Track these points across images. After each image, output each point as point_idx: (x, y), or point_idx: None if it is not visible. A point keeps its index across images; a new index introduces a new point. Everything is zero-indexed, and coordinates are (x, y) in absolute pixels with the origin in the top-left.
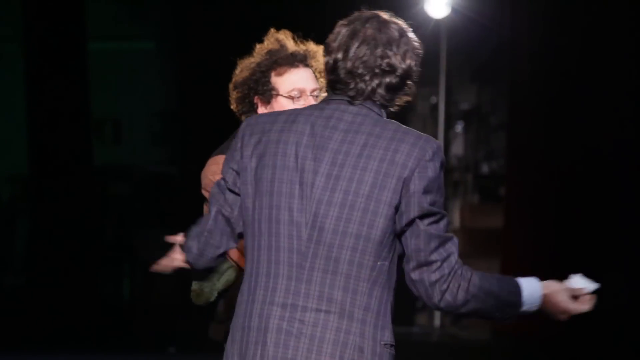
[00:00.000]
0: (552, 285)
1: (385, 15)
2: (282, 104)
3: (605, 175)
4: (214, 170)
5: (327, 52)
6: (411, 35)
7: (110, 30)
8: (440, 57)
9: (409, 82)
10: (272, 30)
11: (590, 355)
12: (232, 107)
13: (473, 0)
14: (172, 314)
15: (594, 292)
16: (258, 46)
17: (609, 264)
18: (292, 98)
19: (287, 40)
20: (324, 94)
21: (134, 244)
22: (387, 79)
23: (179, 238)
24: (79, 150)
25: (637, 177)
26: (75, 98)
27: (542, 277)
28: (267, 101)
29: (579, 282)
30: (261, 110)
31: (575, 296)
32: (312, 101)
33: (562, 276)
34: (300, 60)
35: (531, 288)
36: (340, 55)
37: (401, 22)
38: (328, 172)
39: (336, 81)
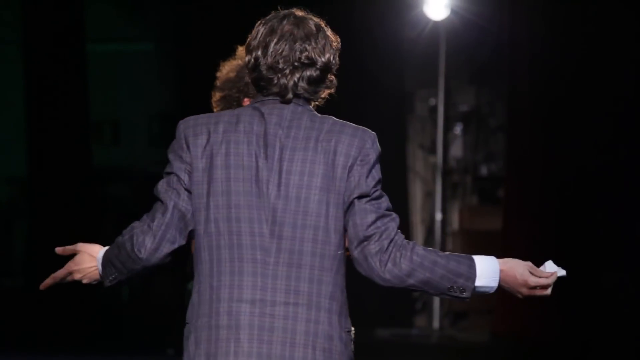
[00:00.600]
0: (509, 261)
1: (301, 12)
2: None
3: (605, 177)
4: None
5: (248, 51)
6: (328, 30)
7: (108, 32)
8: (439, 59)
9: (329, 75)
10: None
11: (589, 357)
12: (213, 105)
13: (472, 2)
14: (171, 315)
15: (562, 279)
16: (241, 48)
17: (608, 265)
18: None
19: None
20: None
21: None
22: (308, 72)
23: (72, 248)
24: (78, 151)
25: (637, 178)
26: (73, 100)
27: None
28: None
29: (551, 267)
30: None
31: (537, 276)
32: None
33: (560, 277)
34: None
35: (486, 262)
36: (260, 53)
37: (317, 18)
38: (280, 168)
39: (259, 78)
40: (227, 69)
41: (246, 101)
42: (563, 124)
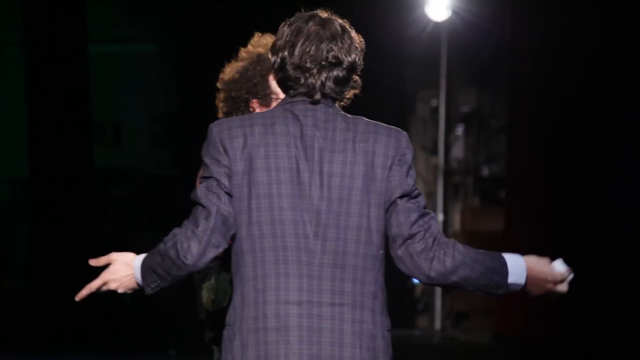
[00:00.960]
0: (531, 259)
1: (325, 13)
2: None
3: (606, 178)
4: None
5: (274, 52)
6: (353, 31)
7: (110, 33)
8: (440, 60)
9: (354, 75)
10: (257, 34)
11: (590, 358)
12: (218, 106)
13: (473, 3)
14: (173, 316)
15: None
16: (244, 50)
17: (610, 266)
18: None
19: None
20: None
21: (134, 246)
22: (335, 72)
23: (106, 259)
24: (80, 153)
25: (638, 179)
26: (75, 101)
27: None
28: (267, 105)
29: (560, 267)
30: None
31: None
32: None
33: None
34: None
35: (514, 258)
36: (286, 53)
37: (341, 19)
38: (320, 170)
39: (286, 78)
40: (230, 70)
41: (254, 102)
42: (564, 125)
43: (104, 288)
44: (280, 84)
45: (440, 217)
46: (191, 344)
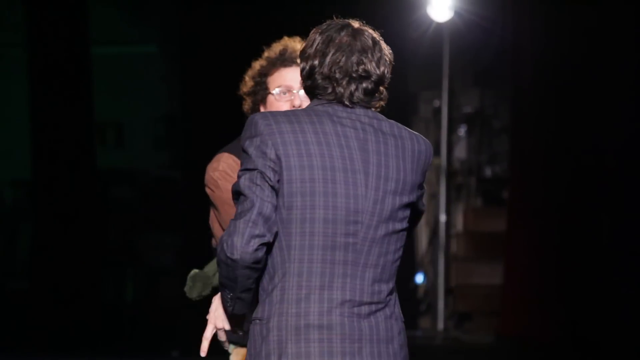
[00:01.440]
0: None
1: (357, 23)
2: (271, 101)
3: (609, 178)
4: (214, 166)
5: (303, 58)
6: (383, 43)
7: (112, 35)
8: (442, 61)
9: (381, 88)
10: (285, 37)
11: (594, 359)
12: (244, 96)
13: (476, 4)
14: (176, 317)
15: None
16: (255, 63)
17: (613, 266)
18: (278, 94)
19: (295, 44)
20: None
21: (137, 247)
22: (364, 85)
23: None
24: (82, 154)
25: None
26: (78, 102)
27: (546, 280)
28: (263, 102)
29: None
30: (261, 110)
31: None
32: (299, 98)
33: (565, 278)
34: (291, 59)
35: None
36: (316, 62)
37: (373, 31)
38: (377, 173)
39: (314, 87)
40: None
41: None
42: (567, 125)
43: (217, 331)
44: (308, 91)
45: (443, 217)
46: (194, 344)
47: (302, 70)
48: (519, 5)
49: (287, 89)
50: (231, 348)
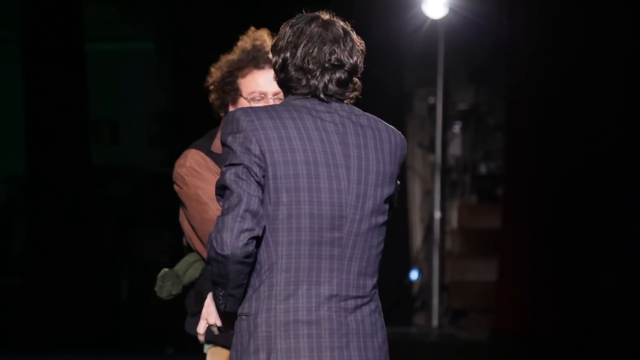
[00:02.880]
0: None
1: (327, 15)
2: (243, 104)
3: (604, 175)
4: (181, 163)
5: (275, 52)
6: (354, 34)
7: (107, 32)
8: (437, 58)
9: (354, 78)
10: (252, 28)
11: (589, 356)
12: (213, 103)
13: (471, 1)
14: (170, 314)
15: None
16: (237, 45)
17: (608, 263)
18: (253, 100)
19: (264, 38)
20: None
21: (132, 244)
22: (337, 75)
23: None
24: (77, 150)
25: (636, 177)
26: (73, 99)
27: (541, 277)
28: (234, 102)
29: None
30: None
31: None
32: (274, 103)
33: (560, 275)
34: (265, 60)
35: None
36: (288, 54)
37: (343, 22)
38: (358, 167)
39: (287, 79)
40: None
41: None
42: (562, 122)
43: (210, 326)
44: (281, 84)
45: (438, 214)
46: (188, 342)
47: (274, 64)
48: (514, 2)
49: (260, 95)
50: (206, 348)
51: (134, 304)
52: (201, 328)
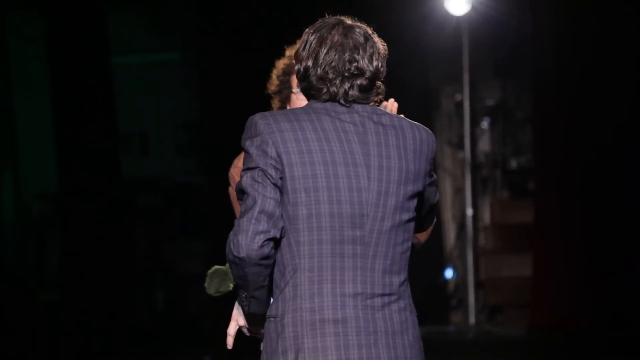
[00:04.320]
0: None
1: (349, 20)
2: (293, 100)
3: (635, 167)
4: (234, 163)
5: (298, 60)
6: (376, 38)
7: (133, 44)
8: (462, 55)
9: (377, 82)
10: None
11: (628, 349)
12: (271, 94)
13: None
14: (207, 323)
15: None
16: (289, 49)
17: None
18: (299, 93)
19: None
20: None
21: (165, 255)
22: (358, 82)
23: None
24: (107, 163)
25: None
26: (101, 113)
27: (577, 269)
28: (287, 100)
29: None
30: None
31: None
32: None
33: (595, 267)
34: None
35: None
36: (310, 63)
37: (365, 26)
38: (379, 165)
39: (309, 88)
40: (272, 76)
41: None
42: (589, 114)
43: (239, 326)
44: (304, 92)
45: (470, 211)
46: (226, 350)
47: (297, 72)
48: None
49: None
50: (262, 345)
51: (170, 314)
52: (231, 329)
